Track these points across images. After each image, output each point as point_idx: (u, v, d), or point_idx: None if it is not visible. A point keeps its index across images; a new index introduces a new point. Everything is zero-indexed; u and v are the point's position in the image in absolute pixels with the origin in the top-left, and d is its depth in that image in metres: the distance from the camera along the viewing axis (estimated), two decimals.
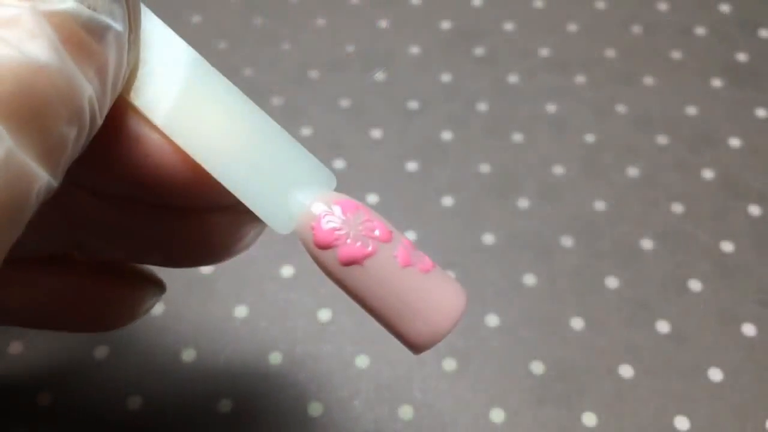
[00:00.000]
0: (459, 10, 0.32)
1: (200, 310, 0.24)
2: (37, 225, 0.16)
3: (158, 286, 0.19)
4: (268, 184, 0.15)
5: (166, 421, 0.22)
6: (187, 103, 0.14)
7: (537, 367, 0.23)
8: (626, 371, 0.23)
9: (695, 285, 0.25)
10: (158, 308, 0.24)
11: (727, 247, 0.25)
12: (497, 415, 0.22)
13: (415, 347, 0.14)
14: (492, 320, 0.24)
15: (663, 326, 0.24)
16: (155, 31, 0.14)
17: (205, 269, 0.25)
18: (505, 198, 0.27)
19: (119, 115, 0.14)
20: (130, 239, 0.16)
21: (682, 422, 0.22)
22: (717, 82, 0.30)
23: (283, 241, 0.24)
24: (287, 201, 0.15)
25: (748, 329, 0.24)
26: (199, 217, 0.16)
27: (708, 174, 0.27)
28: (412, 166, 0.27)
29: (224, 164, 0.14)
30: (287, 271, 0.25)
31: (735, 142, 0.28)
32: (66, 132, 0.11)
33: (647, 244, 0.25)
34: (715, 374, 0.23)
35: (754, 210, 0.26)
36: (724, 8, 0.32)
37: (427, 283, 0.14)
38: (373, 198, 0.27)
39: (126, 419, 0.22)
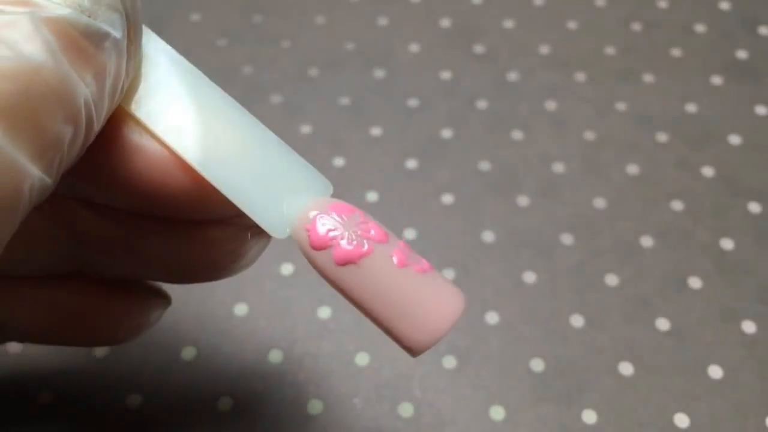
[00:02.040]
0: (459, 8, 0.32)
1: (200, 309, 0.24)
2: (42, 243, 0.16)
3: (163, 299, 0.19)
4: (265, 191, 0.15)
5: (166, 419, 0.22)
6: (188, 114, 0.15)
7: (537, 365, 0.23)
8: (626, 369, 0.23)
9: (695, 282, 0.25)
10: None
11: (727, 244, 0.25)
12: (497, 413, 0.22)
13: (413, 349, 0.14)
14: (492, 318, 0.24)
15: (663, 324, 0.24)
16: (155, 47, 0.15)
17: None
18: (505, 195, 0.27)
19: (120, 126, 0.14)
20: (134, 256, 0.16)
21: (682, 420, 0.22)
22: (717, 80, 0.30)
23: (283, 240, 0.24)
24: (283, 206, 0.15)
25: (748, 326, 0.24)
26: (202, 232, 0.16)
27: (708, 171, 0.27)
28: (411, 163, 0.27)
29: (222, 172, 0.15)
30: (287, 269, 0.25)
31: (735, 139, 0.28)
32: (61, 130, 0.11)
33: (647, 241, 0.25)
34: (715, 371, 0.23)
35: (754, 207, 0.26)
36: (724, 5, 0.32)
37: (424, 283, 0.14)
38: (372, 196, 0.27)
39: (126, 417, 0.22)
